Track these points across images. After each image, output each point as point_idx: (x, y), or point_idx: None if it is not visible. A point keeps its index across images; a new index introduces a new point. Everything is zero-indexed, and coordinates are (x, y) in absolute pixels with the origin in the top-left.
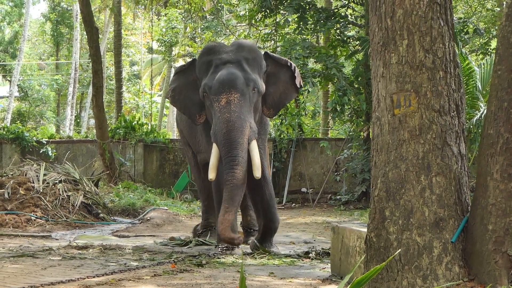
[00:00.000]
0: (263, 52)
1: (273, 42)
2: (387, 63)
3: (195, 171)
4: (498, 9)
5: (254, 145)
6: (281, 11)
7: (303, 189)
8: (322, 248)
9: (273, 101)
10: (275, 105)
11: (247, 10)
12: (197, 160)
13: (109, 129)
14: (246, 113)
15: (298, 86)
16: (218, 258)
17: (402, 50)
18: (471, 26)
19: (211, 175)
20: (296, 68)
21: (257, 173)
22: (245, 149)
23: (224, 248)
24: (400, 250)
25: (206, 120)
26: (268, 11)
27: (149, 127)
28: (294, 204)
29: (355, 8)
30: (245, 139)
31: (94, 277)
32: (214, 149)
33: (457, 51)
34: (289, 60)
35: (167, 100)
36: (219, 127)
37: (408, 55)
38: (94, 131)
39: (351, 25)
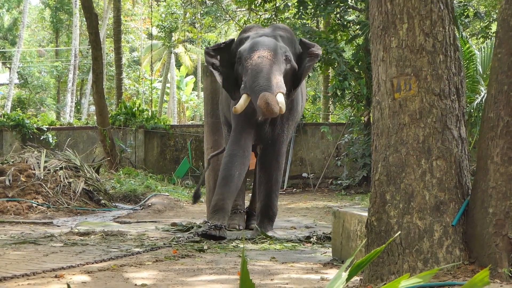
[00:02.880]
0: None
1: None
2: (387, 47)
3: None
4: None
5: (279, 95)
6: None
7: (304, 174)
8: (323, 233)
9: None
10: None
11: None
12: None
13: (110, 115)
14: (276, 69)
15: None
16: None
17: (402, 34)
18: (471, 9)
19: (238, 107)
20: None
21: (282, 108)
22: (274, 85)
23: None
24: (400, 233)
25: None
26: None
27: (150, 113)
28: (295, 189)
29: None
30: (273, 81)
31: (94, 263)
32: (243, 97)
33: (457, 34)
34: (316, 44)
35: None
36: (249, 76)
37: (408, 39)
38: (95, 117)
39: (351, 10)
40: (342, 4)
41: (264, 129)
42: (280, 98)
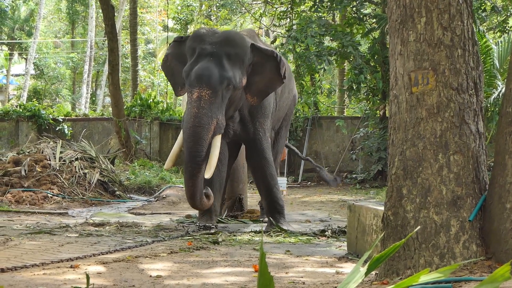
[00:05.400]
0: (250, 44)
1: (288, 20)
2: (405, 41)
3: None
4: None
5: (216, 140)
6: None
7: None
8: (338, 226)
9: (257, 89)
10: (259, 93)
11: None
12: None
13: (125, 107)
14: (215, 110)
15: (282, 76)
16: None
17: (420, 27)
18: (488, 3)
19: (168, 165)
20: (282, 58)
21: (208, 174)
22: (207, 144)
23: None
24: (417, 228)
25: None
26: None
27: (165, 105)
28: (309, 182)
29: None
30: (209, 135)
31: (109, 253)
32: (179, 137)
33: (474, 28)
34: (275, 51)
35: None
36: (186, 120)
37: (426, 32)
38: (110, 109)
39: (367, 3)
40: None
41: (234, 127)
42: (216, 142)
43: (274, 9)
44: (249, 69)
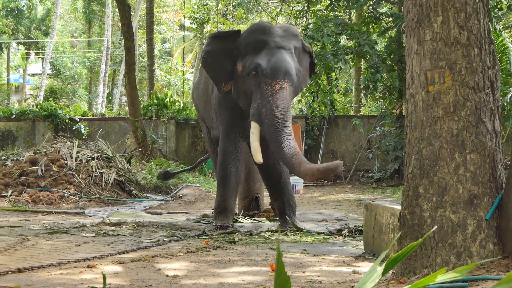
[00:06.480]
0: None
1: (305, 19)
2: (421, 40)
3: (209, 146)
4: None
5: None
6: None
7: None
8: (355, 226)
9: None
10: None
11: None
12: (210, 135)
13: (142, 106)
14: (291, 101)
15: (313, 73)
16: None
17: (437, 26)
18: (505, 2)
19: (258, 157)
20: (314, 56)
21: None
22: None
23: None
24: (434, 228)
25: (222, 97)
26: None
27: (181, 105)
28: (326, 181)
29: None
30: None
31: (126, 253)
32: (256, 129)
33: (491, 27)
34: (311, 47)
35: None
36: (269, 111)
37: (443, 31)
38: (126, 108)
39: (383, 2)
40: None
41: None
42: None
43: (291, 8)
44: None
